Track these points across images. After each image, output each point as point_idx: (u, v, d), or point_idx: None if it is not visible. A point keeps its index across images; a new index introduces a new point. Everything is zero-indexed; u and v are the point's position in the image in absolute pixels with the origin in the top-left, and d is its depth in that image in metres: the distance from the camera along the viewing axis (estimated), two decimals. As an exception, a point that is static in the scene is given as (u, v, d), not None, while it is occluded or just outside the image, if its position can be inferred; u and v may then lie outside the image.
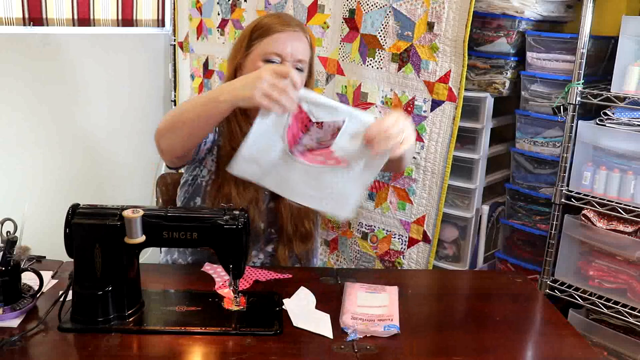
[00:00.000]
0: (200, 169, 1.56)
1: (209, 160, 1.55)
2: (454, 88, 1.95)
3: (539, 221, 2.05)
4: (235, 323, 1.19)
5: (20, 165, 2.64)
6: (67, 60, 2.73)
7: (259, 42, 1.48)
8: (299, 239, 1.57)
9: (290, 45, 1.46)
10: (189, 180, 1.57)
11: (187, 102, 1.36)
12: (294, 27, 1.50)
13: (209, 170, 1.55)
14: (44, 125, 2.70)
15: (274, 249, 1.57)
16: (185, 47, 3.01)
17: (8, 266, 1.17)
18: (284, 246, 1.56)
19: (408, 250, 2.15)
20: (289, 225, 1.55)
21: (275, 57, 1.46)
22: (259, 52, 1.48)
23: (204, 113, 1.28)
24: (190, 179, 1.57)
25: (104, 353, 1.09)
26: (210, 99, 1.26)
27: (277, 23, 1.49)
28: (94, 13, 2.79)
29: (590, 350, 1.21)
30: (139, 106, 3.07)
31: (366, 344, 1.14)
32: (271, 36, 1.47)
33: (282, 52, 1.45)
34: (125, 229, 1.13)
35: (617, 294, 1.85)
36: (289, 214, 1.55)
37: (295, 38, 1.48)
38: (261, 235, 1.56)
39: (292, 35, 1.48)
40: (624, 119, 1.79)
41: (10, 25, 2.51)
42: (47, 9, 2.61)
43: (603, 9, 1.97)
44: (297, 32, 1.50)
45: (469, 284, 1.59)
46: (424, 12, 1.98)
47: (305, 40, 1.51)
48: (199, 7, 2.83)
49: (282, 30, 1.47)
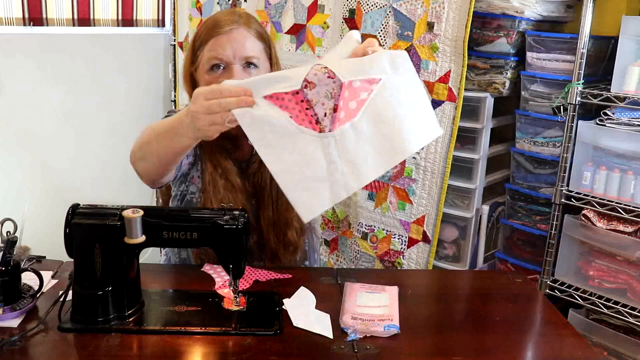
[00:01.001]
0: (186, 185, 1.52)
1: (195, 176, 1.51)
2: (453, 88, 1.95)
3: (539, 221, 2.05)
4: (235, 323, 1.19)
5: (20, 165, 2.64)
6: (67, 60, 2.73)
7: (201, 52, 1.39)
8: (283, 249, 1.52)
9: (231, 47, 1.35)
10: (178, 195, 1.54)
11: (152, 128, 1.26)
12: (230, 24, 1.37)
13: (197, 187, 1.50)
14: (44, 125, 2.70)
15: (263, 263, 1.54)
16: (185, 47, 3.01)
17: (8, 266, 1.17)
18: (270, 260, 1.53)
19: (408, 251, 2.15)
20: (271, 237, 1.50)
21: (218, 62, 1.37)
22: (203, 62, 1.38)
23: (168, 145, 1.21)
24: (179, 194, 1.53)
25: (104, 353, 1.09)
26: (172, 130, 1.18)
27: (212, 26, 1.39)
28: (94, 13, 2.79)
29: (590, 350, 1.20)
30: (139, 106, 3.07)
31: (366, 344, 1.14)
32: (209, 43, 1.37)
33: (222, 55, 1.36)
34: (125, 229, 1.13)
35: (617, 294, 1.85)
36: (270, 224, 1.49)
37: (235, 36, 1.37)
38: (255, 251, 1.52)
39: (231, 35, 1.36)
40: (624, 119, 1.79)
41: (10, 25, 2.51)
42: (47, 9, 2.61)
43: (603, 9, 1.97)
44: (236, 28, 1.37)
45: (469, 284, 1.59)
46: (424, 12, 1.98)
47: (250, 34, 1.39)
48: (199, 7, 2.83)
49: (219, 33, 1.36)
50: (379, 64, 1.03)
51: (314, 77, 1.01)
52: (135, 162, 1.32)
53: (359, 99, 1.01)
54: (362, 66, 1.02)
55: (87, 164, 2.89)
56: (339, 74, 1.00)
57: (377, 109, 1.01)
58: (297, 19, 2.37)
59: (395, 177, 2.13)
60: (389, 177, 2.14)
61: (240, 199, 1.46)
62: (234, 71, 1.36)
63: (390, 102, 1.02)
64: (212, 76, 1.37)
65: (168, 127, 1.20)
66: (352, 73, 1.01)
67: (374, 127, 1.02)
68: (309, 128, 1.04)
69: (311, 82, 1.02)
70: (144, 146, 1.28)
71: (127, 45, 2.96)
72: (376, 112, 1.01)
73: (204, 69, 1.38)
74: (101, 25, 2.83)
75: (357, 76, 1.01)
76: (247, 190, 1.50)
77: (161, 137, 1.22)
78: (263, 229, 1.51)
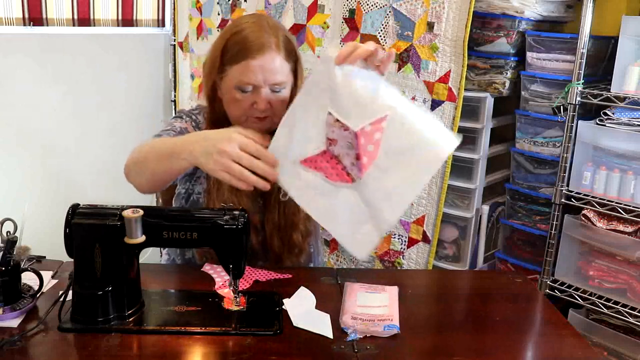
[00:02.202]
0: (192, 183, 1.52)
1: (202, 176, 1.51)
2: (453, 88, 1.95)
3: (539, 221, 2.05)
4: (235, 323, 1.19)
5: (20, 165, 2.64)
6: (67, 60, 2.73)
7: (230, 68, 1.39)
8: (288, 252, 1.51)
9: (262, 73, 1.36)
10: (182, 193, 1.54)
11: (152, 146, 1.29)
12: (261, 49, 1.37)
13: (202, 188, 1.51)
14: (44, 125, 2.70)
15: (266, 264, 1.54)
16: (185, 47, 3.01)
17: (8, 266, 1.17)
18: (272, 263, 1.52)
19: (408, 251, 2.15)
20: (275, 240, 1.50)
21: (248, 87, 1.38)
22: (232, 79, 1.39)
23: (165, 166, 1.24)
24: (184, 192, 1.53)
25: (104, 353, 1.09)
26: (172, 152, 1.21)
27: (243, 47, 1.37)
28: (94, 13, 2.79)
29: (590, 350, 1.20)
30: (139, 106, 3.07)
31: (366, 344, 1.14)
32: (240, 63, 1.37)
33: (254, 82, 1.37)
34: (125, 229, 1.13)
35: (617, 294, 1.85)
36: (274, 228, 1.49)
37: (266, 62, 1.37)
38: (259, 254, 1.52)
39: (262, 61, 1.36)
40: (624, 119, 1.79)
41: (10, 25, 2.51)
42: (47, 9, 2.61)
43: (603, 9, 1.97)
44: (268, 53, 1.37)
45: (469, 284, 1.59)
46: (424, 12, 1.98)
47: (279, 56, 1.39)
48: (199, 7, 2.83)
49: (251, 58, 1.36)
50: (380, 102, 1.09)
51: (332, 133, 1.11)
52: (128, 175, 1.34)
53: (375, 140, 1.08)
54: (365, 109, 1.08)
55: (87, 164, 2.89)
56: (350, 124, 1.08)
57: (392, 143, 1.08)
58: (297, 19, 2.37)
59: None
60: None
61: (244, 202, 1.45)
62: (262, 95, 1.38)
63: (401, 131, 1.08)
64: (240, 94, 1.39)
65: (169, 145, 1.23)
66: (360, 118, 1.08)
67: (395, 158, 1.08)
68: (342, 182, 1.15)
69: (333, 139, 1.12)
70: (140, 163, 1.30)
71: (127, 45, 2.96)
72: (393, 145, 1.08)
73: (232, 84, 1.39)
74: (101, 25, 2.83)
75: (365, 121, 1.07)
76: (252, 192, 1.49)
77: (161, 158, 1.24)
78: (267, 232, 1.50)
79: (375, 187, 1.10)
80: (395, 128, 1.08)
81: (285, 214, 1.49)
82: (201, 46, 2.89)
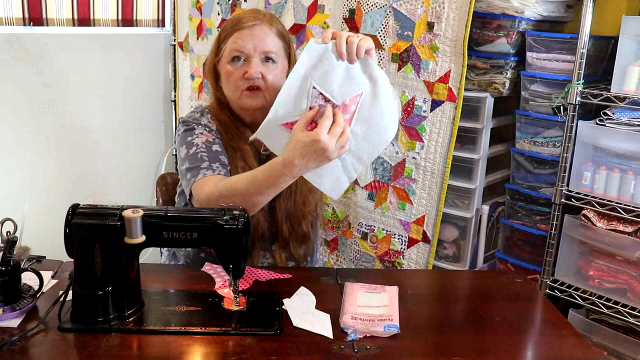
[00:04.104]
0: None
1: None
2: (453, 88, 1.96)
3: (539, 221, 2.05)
4: (235, 323, 1.19)
5: (20, 165, 2.64)
6: (67, 61, 2.73)
7: (224, 44, 1.50)
8: (295, 240, 1.56)
9: (252, 41, 1.46)
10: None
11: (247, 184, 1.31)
12: (253, 20, 1.48)
13: None
14: (44, 125, 2.70)
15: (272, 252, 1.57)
16: (185, 47, 3.01)
17: (8, 266, 1.17)
18: (280, 248, 1.55)
19: (408, 251, 2.15)
20: (284, 227, 1.54)
21: (240, 54, 1.47)
22: (226, 53, 1.49)
23: (273, 189, 1.30)
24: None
25: (104, 353, 1.09)
26: (280, 176, 1.27)
27: (237, 22, 1.50)
28: (94, 13, 2.79)
29: (590, 350, 1.21)
30: (139, 106, 3.07)
31: (366, 344, 1.14)
32: (233, 35, 1.48)
33: (244, 49, 1.46)
34: (125, 229, 1.13)
35: (617, 294, 1.85)
36: (285, 215, 1.54)
37: (257, 31, 1.47)
38: (267, 236, 1.55)
39: (252, 30, 1.47)
40: (624, 119, 1.79)
41: (10, 25, 2.52)
42: (47, 9, 2.61)
43: (603, 9, 1.97)
44: (258, 25, 1.48)
45: (469, 284, 1.59)
46: (424, 12, 1.98)
47: (271, 31, 1.50)
48: (199, 7, 2.83)
49: (242, 28, 1.47)
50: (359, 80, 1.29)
51: (315, 102, 1.27)
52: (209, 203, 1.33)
53: (351, 111, 1.29)
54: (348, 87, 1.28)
55: (87, 163, 2.89)
56: (332, 97, 1.27)
57: (365, 114, 1.30)
58: (297, 19, 2.37)
59: (395, 177, 2.13)
60: (389, 177, 2.14)
61: None
62: (253, 63, 1.46)
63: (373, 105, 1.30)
64: (233, 67, 1.48)
65: (272, 175, 1.28)
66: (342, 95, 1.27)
67: (367, 127, 1.31)
68: None
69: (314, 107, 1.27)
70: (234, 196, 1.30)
71: (127, 45, 2.96)
72: (365, 116, 1.30)
73: (226, 59, 1.49)
74: (101, 25, 2.83)
75: (345, 97, 1.27)
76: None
77: (266, 184, 1.29)
78: (278, 218, 1.54)
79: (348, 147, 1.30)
80: (368, 103, 1.30)
81: (295, 202, 1.55)
82: (201, 46, 2.89)
